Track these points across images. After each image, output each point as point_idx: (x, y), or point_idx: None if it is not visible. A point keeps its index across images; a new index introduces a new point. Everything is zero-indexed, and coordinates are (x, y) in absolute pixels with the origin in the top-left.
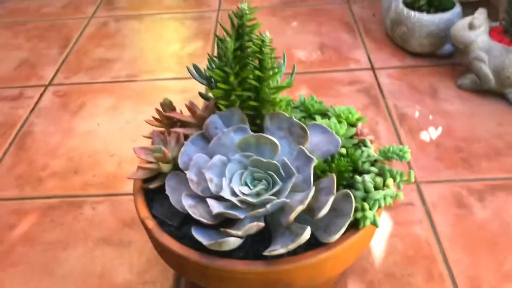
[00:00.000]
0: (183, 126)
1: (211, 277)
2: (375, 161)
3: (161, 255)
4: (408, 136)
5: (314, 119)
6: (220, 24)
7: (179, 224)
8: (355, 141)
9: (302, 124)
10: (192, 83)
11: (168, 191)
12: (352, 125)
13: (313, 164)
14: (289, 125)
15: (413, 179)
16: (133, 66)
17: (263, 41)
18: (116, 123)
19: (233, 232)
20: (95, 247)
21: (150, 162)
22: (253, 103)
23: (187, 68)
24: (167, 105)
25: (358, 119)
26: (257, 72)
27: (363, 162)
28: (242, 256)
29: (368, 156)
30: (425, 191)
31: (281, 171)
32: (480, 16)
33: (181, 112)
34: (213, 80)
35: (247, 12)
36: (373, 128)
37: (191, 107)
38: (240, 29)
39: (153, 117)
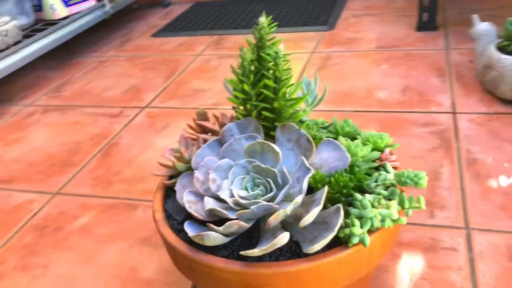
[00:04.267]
0: (213, 134)
1: (197, 272)
2: (392, 186)
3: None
4: (472, 181)
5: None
6: (246, 39)
7: (183, 219)
8: (375, 164)
9: (309, 137)
10: None
11: (177, 188)
12: (380, 150)
13: (309, 175)
14: (298, 137)
15: (423, 206)
16: (221, 97)
17: (276, 53)
18: None
19: (215, 227)
20: (134, 245)
21: (171, 162)
22: (267, 113)
23: (223, 82)
24: (201, 115)
25: (387, 146)
26: (269, 82)
27: (377, 185)
28: (226, 255)
29: (384, 179)
30: (475, 238)
31: (279, 179)
32: None
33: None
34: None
35: (265, 25)
36: (435, 170)
37: (217, 116)
38: (260, 41)
39: (188, 125)
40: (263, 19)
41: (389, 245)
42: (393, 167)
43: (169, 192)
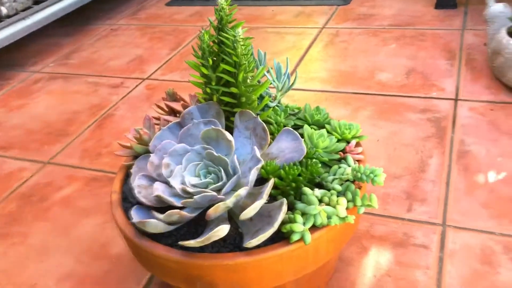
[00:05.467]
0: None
1: (144, 258)
2: (352, 181)
3: None
4: (460, 175)
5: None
6: (209, 19)
7: (137, 202)
8: (336, 156)
9: (265, 126)
10: None
11: (133, 170)
12: (347, 141)
13: (259, 166)
14: (255, 125)
15: (376, 205)
16: None
17: (234, 37)
18: None
19: (157, 215)
20: (109, 220)
21: (131, 142)
22: (227, 98)
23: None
24: (170, 95)
25: (357, 137)
26: (227, 67)
27: (334, 179)
28: (169, 243)
29: (343, 174)
30: (450, 236)
31: (230, 168)
32: None
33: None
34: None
35: (224, 6)
36: (424, 160)
37: (183, 98)
38: (220, 23)
39: (156, 104)
40: (222, 0)
41: (340, 242)
42: (357, 160)
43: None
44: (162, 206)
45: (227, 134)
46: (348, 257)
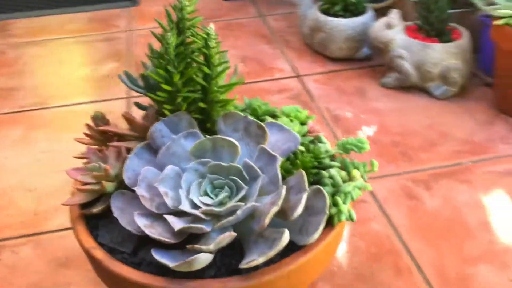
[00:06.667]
0: (121, 140)
1: None
2: (334, 156)
3: None
4: (345, 136)
5: (263, 121)
6: (157, 20)
7: (134, 250)
8: (310, 138)
9: (260, 123)
10: (112, 105)
11: (116, 213)
12: (302, 123)
13: (279, 162)
14: (246, 125)
15: (376, 169)
16: (40, 93)
17: (208, 34)
18: (29, 155)
19: (204, 247)
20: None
21: (89, 183)
22: (202, 104)
23: (119, 75)
24: (99, 119)
25: (308, 117)
26: (205, 69)
27: (323, 158)
28: (213, 274)
29: (327, 151)
30: (374, 187)
31: (245, 174)
32: (395, 16)
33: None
34: (152, 84)
35: (187, 4)
36: None
37: (129, 117)
38: (181, 23)
39: (84, 133)
40: None
41: None
42: None
43: (92, 222)
44: (182, 240)
45: (229, 139)
46: None
